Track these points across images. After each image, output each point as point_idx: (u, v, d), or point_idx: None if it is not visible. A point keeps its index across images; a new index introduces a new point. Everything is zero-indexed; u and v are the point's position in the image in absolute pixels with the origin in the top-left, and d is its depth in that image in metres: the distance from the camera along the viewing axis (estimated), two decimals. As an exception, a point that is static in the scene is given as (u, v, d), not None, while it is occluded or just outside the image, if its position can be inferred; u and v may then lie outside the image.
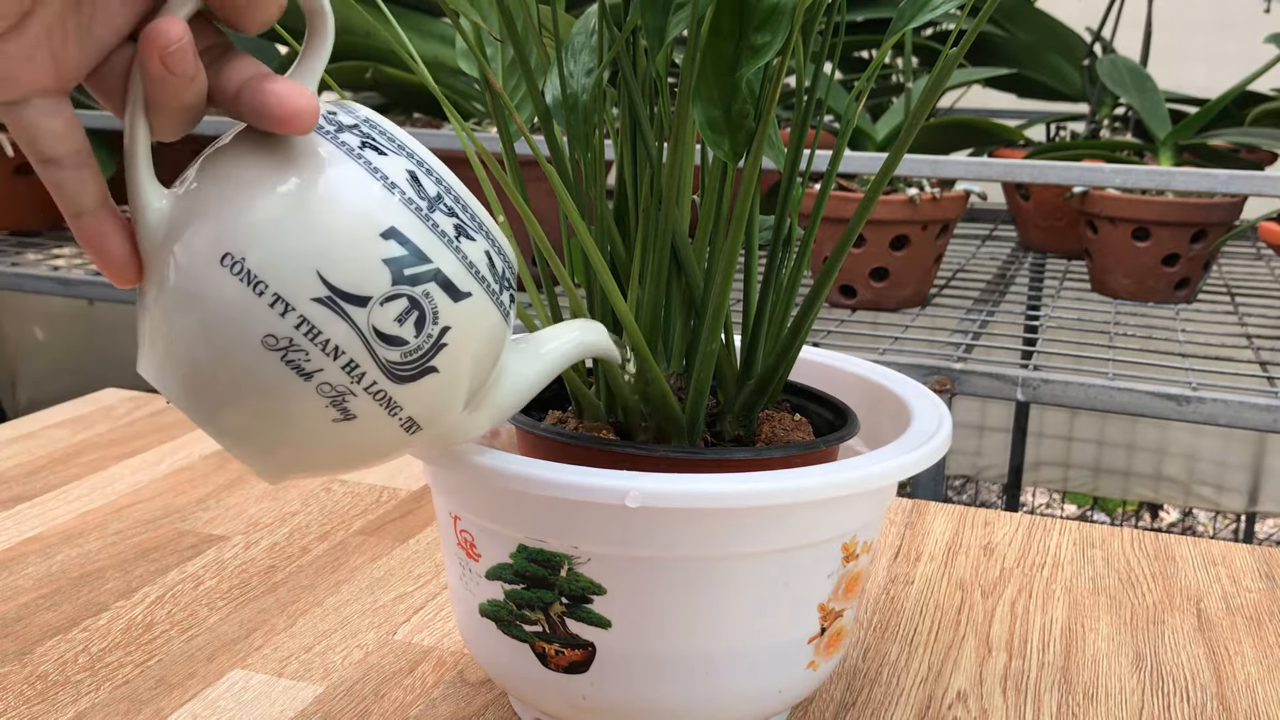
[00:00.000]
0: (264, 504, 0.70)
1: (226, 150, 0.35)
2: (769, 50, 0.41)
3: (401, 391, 0.35)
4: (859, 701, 0.51)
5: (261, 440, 0.35)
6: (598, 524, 0.40)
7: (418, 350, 0.35)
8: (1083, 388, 0.99)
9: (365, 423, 0.35)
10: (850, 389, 0.53)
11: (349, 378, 0.34)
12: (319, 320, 0.33)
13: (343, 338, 0.34)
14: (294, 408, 0.34)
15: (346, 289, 0.34)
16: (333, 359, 0.34)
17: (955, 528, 0.70)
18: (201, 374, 0.34)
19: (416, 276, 0.34)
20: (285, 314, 0.33)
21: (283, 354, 0.34)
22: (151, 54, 0.32)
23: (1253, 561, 0.66)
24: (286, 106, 0.34)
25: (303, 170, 0.34)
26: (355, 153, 0.35)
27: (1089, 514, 2.23)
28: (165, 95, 0.33)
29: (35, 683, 0.51)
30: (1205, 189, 1.04)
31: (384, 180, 0.35)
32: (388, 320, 0.34)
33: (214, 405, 0.35)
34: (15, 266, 1.38)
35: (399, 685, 0.51)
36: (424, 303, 0.35)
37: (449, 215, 0.36)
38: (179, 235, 0.34)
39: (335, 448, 0.36)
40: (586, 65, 0.47)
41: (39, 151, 0.34)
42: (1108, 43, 1.61)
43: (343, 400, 0.35)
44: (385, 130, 0.36)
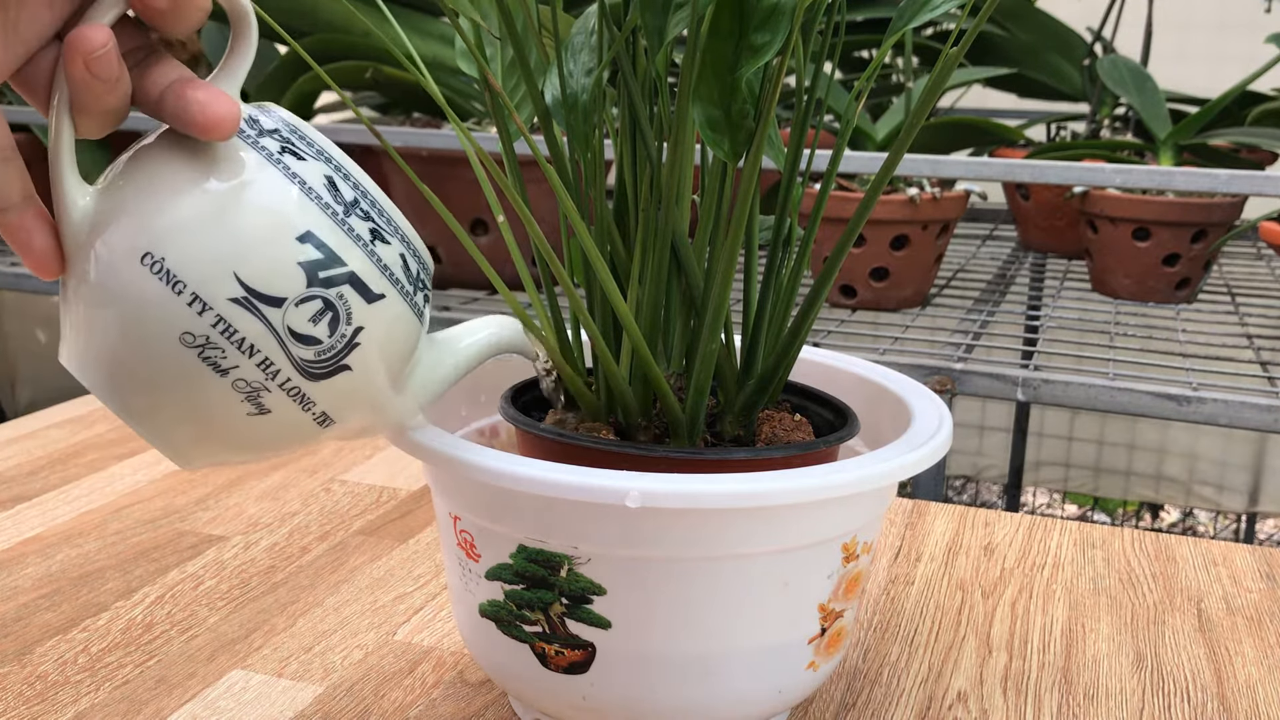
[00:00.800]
0: (264, 504, 0.70)
1: (149, 150, 0.36)
2: (769, 50, 0.41)
3: (315, 388, 0.37)
4: (859, 702, 0.51)
5: (178, 432, 0.37)
6: (598, 524, 0.40)
7: (331, 349, 0.36)
8: (1083, 388, 0.99)
9: (279, 416, 0.37)
10: (850, 389, 0.53)
11: (264, 375, 0.36)
12: (235, 319, 0.35)
13: (258, 337, 0.35)
14: (210, 402, 0.36)
15: (262, 290, 0.35)
16: (248, 356, 0.35)
17: (955, 528, 0.70)
18: (121, 368, 0.36)
19: (331, 279, 0.36)
20: (203, 313, 0.35)
21: (200, 351, 0.35)
22: (75, 59, 0.33)
23: (1253, 562, 0.66)
24: (208, 114, 0.35)
25: (222, 173, 0.36)
26: (274, 157, 0.36)
27: (1089, 514, 2.23)
28: (89, 98, 0.34)
29: (35, 683, 0.51)
30: (1206, 189, 1.04)
31: (301, 185, 0.36)
32: (302, 320, 0.36)
33: (132, 397, 0.36)
34: (15, 266, 1.38)
35: (399, 685, 0.51)
36: (338, 304, 0.36)
37: (364, 219, 0.37)
38: (101, 232, 0.35)
39: (249, 438, 0.37)
40: (586, 65, 0.47)
41: None
42: (1108, 42, 1.61)
43: (257, 395, 0.36)
44: (305, 135, 0.37)
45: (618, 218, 0.48)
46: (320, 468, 0.77)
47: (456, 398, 0.53)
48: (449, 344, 0.43)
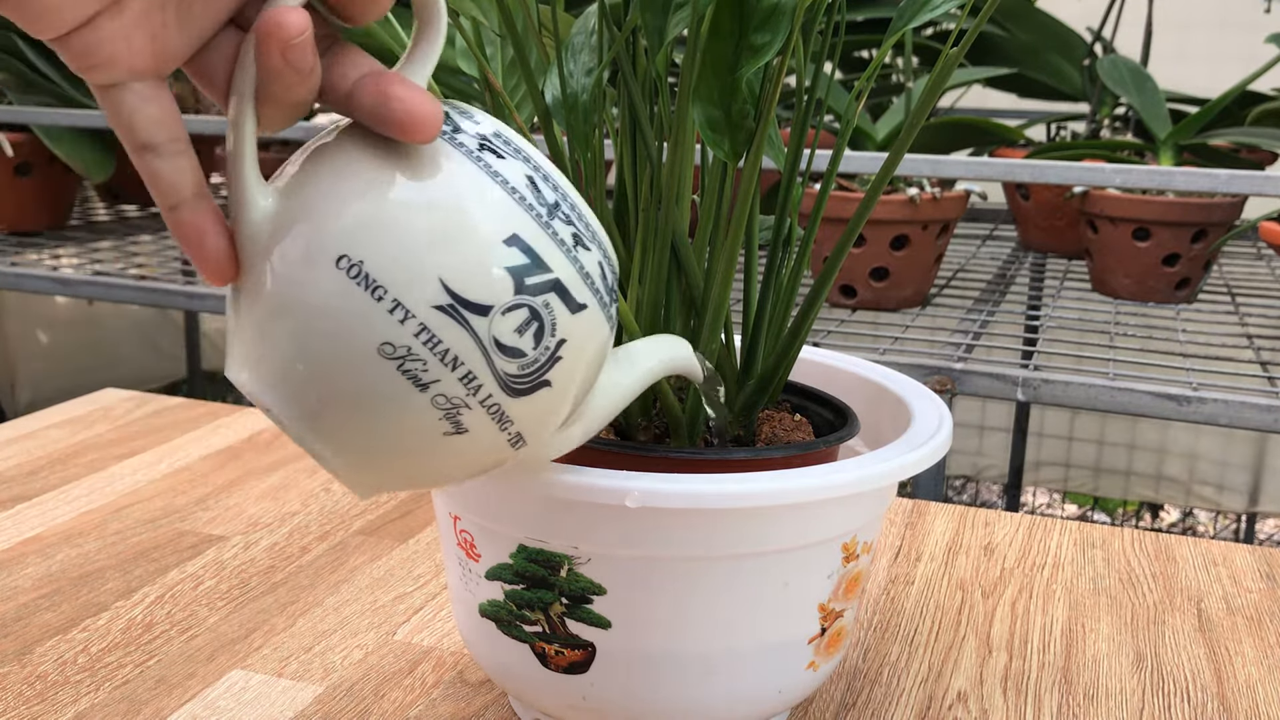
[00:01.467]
0: (263, 504, 0.70)
1: (334, 148, 0.34)
2: (769, 50, 0.41)
3: (515, 405, 0.34)
4: (859, 702, 0.51)
5: (365, 452, 0.34)
6: (598, 524, 0.40)
7: (535, 363, 0.34)
8: (1083, 388, 0.99)
9: (475, 436, 0.34)
10: (850, 389, 0.53)
11: (465, 390, 0.33)
12: (440, 329, 0.32)
13: (463, 348, 0.32)
14: (407, 420, 0.33)
15: (469, 297, 0.32)
16: (451, 370, 0.32)
17: (955, 528, 0.70)
18: (308, 381, 0.33)
19: (537, 286, 0.33)
20: (405, 321, 0.32)
21: (400, 363, 0.32)
22: (272, 46, 0.31)
23: (1253, 562, 0.66)
24: (414, 114, 0.32)
25: (422, 172, 0.33)
26: (474, 155, 0.34)
27: (1089, 514, 2.23)
28: (280, 89, 0.32)
29: (35, 683, 0.51)
30: (1206, 189, 1.04)
31: (505, 185, 0.33)
32: (508, 331, 0.33)
33: (318, 414, 0.33)
34: (15, 266, 1.38)
35: (399, 685, 0.51)
36: (544, 314, 0.33)
37: (566, 223, 0.34)
38: (288, 235, 0.33)
39: (440, 461, 0.34)
40: (586, 65, 0.47)
41: (136, 138, 0.32)
42: (1108, 42, 1.61)
43: (457, 413, 0.33)
44: (501, 133, 0.35)
45: (618, 218, 0.48)
46: (320, 467, 0.77)
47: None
48: (628, 361, 0.40)
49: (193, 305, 1.32)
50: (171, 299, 1.32)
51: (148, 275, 1.39)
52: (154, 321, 2.48)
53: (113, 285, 1.33)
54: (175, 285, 1.32)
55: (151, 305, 1.34)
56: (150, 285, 1.33)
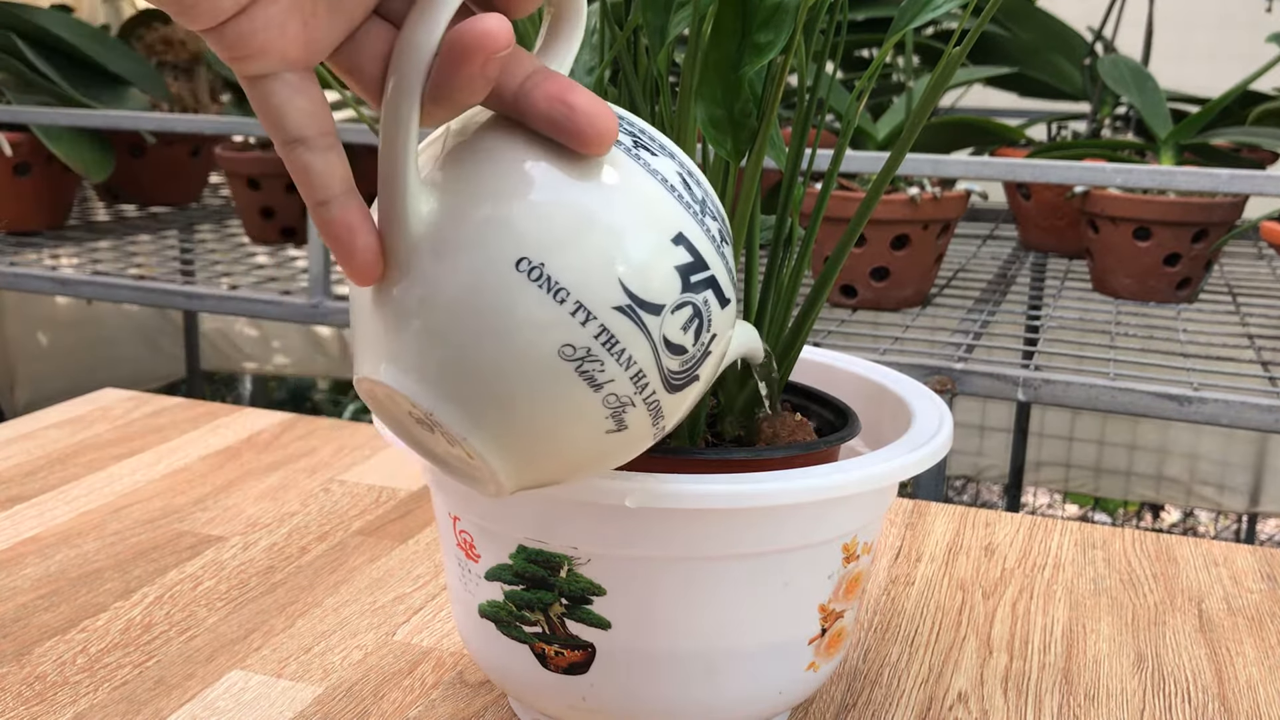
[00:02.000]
0: (262, 504, 0.70)
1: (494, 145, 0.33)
2: (771, 49, 0.41)
3: (669, 400, 0.34)
4: (859, 703, 0.51)
5: (527, 449, 0.34)
6: (597, 524, 0.40)
7: (693, 359, 0.34)
8: (1084, 388, 0.99)
9: (632, 433, 0.34)
10: (851, 389, 0.53)
11: (634, 388, 0.33)
12: (618, 330, 0.32)
13: (637, 347, 0.32)
14: (577, 420, 0.33)
15: (645, 296, 0.32)
16: (625, 369, 0.33)
17: (956, 528, 0.70)
18: (479, 382, 0.32)
19: (699, 283, 0.33)
20: (586, 322, 0.32)
21: (579, 364, 0.32)
22: (475, 57, 0.30)
23: (1254, 562, 0.66)
24: (597, 127, 0.32)
25: (592, 172, 0.33)
26: (632, 153, 0.34)
27: (1090, 514, 2.23)
28: (464, 95, 0.31)
29: (34, 683, 0.50)
30: (1207, 188, 1.04)
31: (664, 183, 0.33)
32: (676, 328, 0.33)
33: (485, 414, 0.33)
34: (14, 266, 1.38)
35: (398, 686, 0.51)
36: (704, 310, 0.34)
37: (715, 219, 0.34)
38: (460, 237, 0.32)
39: (593, 458, 0.35)
40: (587, 64, 0.47)
41: (286, 130, 0.32)
42: (1109, 42, 1.61)
43: (623, 412, 0.33)
44: (644, 129, 0.35)
45: (618, 217, 0.48)
46: (319, 468, 0.76)
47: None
48: None
49: (192, 305, 1.32)
50: (171, 299, 1.32)
51: (147, 275, 1.39)
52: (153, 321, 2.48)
53: (112, 285, 1.33)
54: (174, 285, 1.32)
55: (151, 305, 1.34)
56: (149, 285, 1.32)
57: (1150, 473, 2.16)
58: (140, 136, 1.64)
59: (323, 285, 1.26)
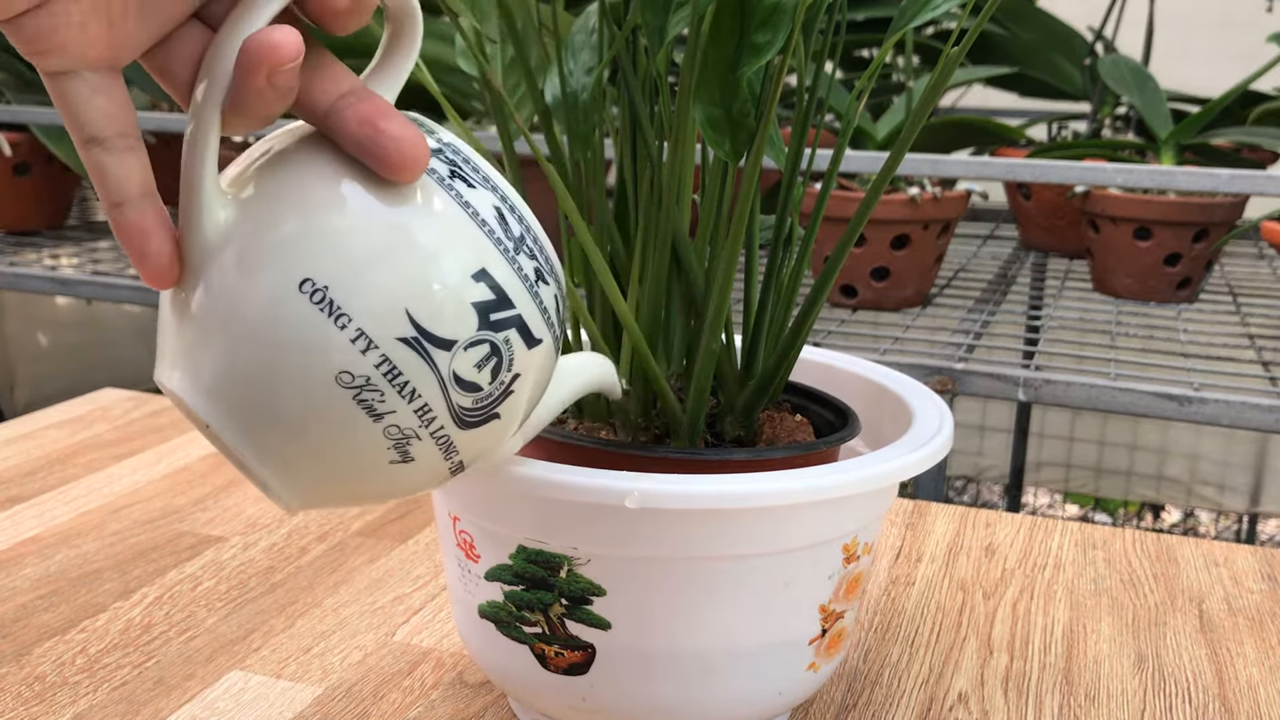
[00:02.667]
0: (262, 505, 0.70)
1: (300, 161, 0.33)
2: (770, 49, 0.41)
3: (463, 436, 0.34)
4: (860, 703, 0.51)
5: (307, 475, 0.33)
6: (598, 524, 0.40)
7: (488, 397, 0.33)
8: (1085, 388, 0.99)
9: (420, 465, 0.34)
10: (851, 389, 0.53)
11: (419, 422, 0.32)
12: (401, 361, 0.31)
13: (421, 381, 0.32)
14: (356, 449, 0.32)
15: (434, 331, 0.32)
16: (408, 402, 0.32)
17: (956, 528, 0.70)
18: (255, 399, 0.32)
19: (501, 322, 0.33)
20: (367, 351, 0.31)
21: (356, 392, 0.31)
22: (259, 69, 0.30)
23: (1255, 562, 0.66)
24: (405, 155, 0.31)
25: (395, 200, 0.32)
26: (446, 183, 0.33)
27: (1090, 515, 2.23)
28: (257, 106, 0.31)
29: (33, 684, 0.50)
30: (1207, 188, 1.04)
31: (475, 216, 0.33)
32: (468, 366, 0.32)
33: (260, 432, 0.32)
34: (14, 266, 1.38)
35: (398, 687, 0.51)
36: (503, 349, 0.33)
37: (531, 258, 0.34)
38: (248, 251, 0.32)
39: (379, 487, 0.34)
40: (586, 64, 0.47)
41: (82, 130, 0.31)
42: (1109, 42, 1.61)
43: (406, 444, 0.33)
44: (470, 159, 0.34)
45: (618, 218, 0.48)
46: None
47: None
48: (562, 375, 0.40)
49: (192, 305, 1.31)
50: (171, 299, 1.31)
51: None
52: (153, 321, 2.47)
53: (112, 285, 1.33)
54: (175, 285, 1.32)
55: (151, 305, 1.34)
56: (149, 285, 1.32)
57: (1151, 473, 2.15)
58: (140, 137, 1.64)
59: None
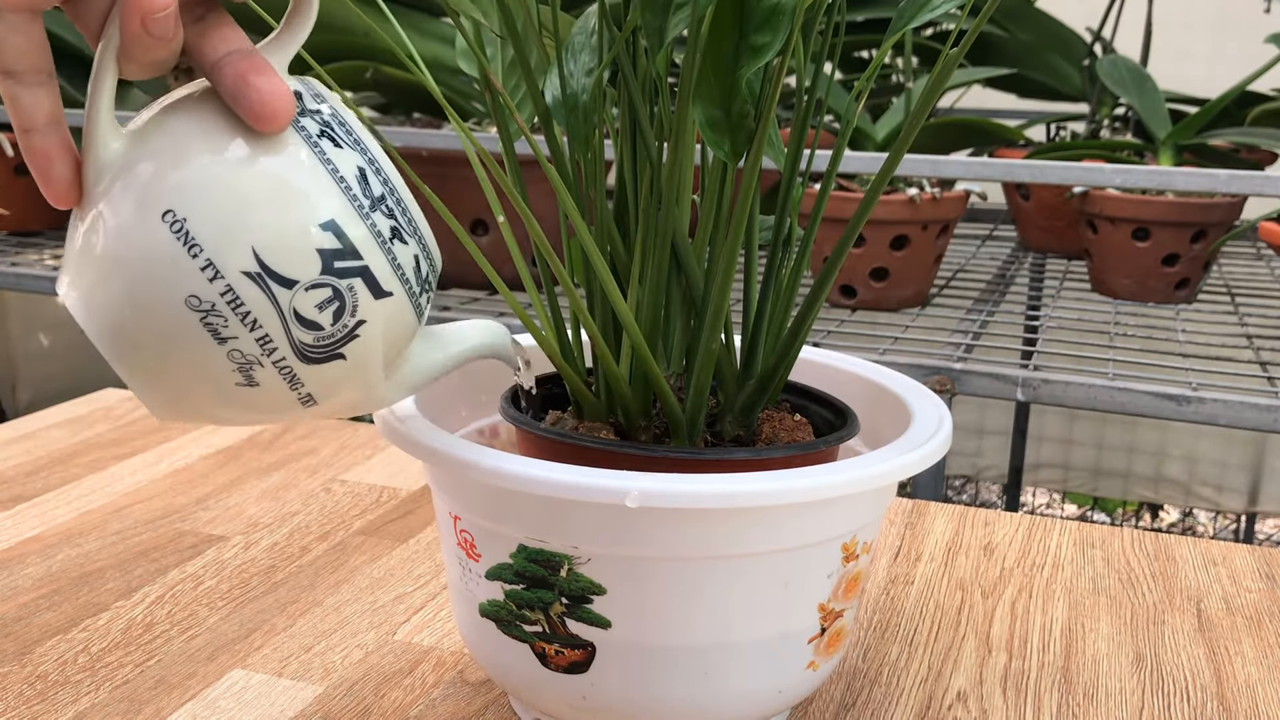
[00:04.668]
0: (264, 504, 0.70)
1: (188, 106, 0.36)
2: (769, 50, 0.41)
3: (307, 371, 0.37)
4: (859, 702, 0.51)
5: (164, 388, 0.37)
6: (598, 524, 0.40)
7: (330, 337, 0.37)
8: (1083, 388, 0.99)
9: (266, 390, 0.37)
10: (850, 389, 0.53)
11: (260, 350, 0.36)
12: (244, 293, 0.35)
13: (263, 313, 0.35)
14: (202, 367, 0.36)
15: (277, 270, 0.35)
16: (249, 330, 0.35)
17: (955, 528, 0.70)
18: (121, 317, 0.36)
19: (345, 270, 0.36)
20: (214, 280, 0.35)
21: (203, 316, 0.35)
22: (133, 15, 0.33)
23: (1253, 562, 0.66)
24: (267, 106, 0.35)
25: (259, 146, 0.36)
26: (312, 140, 0.36)
27: (1089, 514, 2.23)
28: (138, 50, 0.34)
29: (35, 683, 0.51)
30: (1205, 189, 1.04)
31: (333, 172, 0.36)
32: (309, 306, 0.36)
33: (127, 348, 0.36)
34: (15, 266, 1.38)
35: (399, 685, 0.51)
36: (346, 295, 0.36)
37: (388, 217, 0.37)
38: (126, 179, 0.35)
39: (232, 407, 0.38)
40: (586, 65, 0.47)
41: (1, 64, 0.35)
42: (1108, 43, 1.61)
43: (250, 369, 0.36)
44: (345, 122, 0.37)
45: (618, 218, 0.48)
46: (320, 467, 0.77)
47: (456, 398, 0.53)
48: (441, 339, 0.43)
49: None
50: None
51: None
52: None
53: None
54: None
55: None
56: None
57: (1149, 473, 2.16)
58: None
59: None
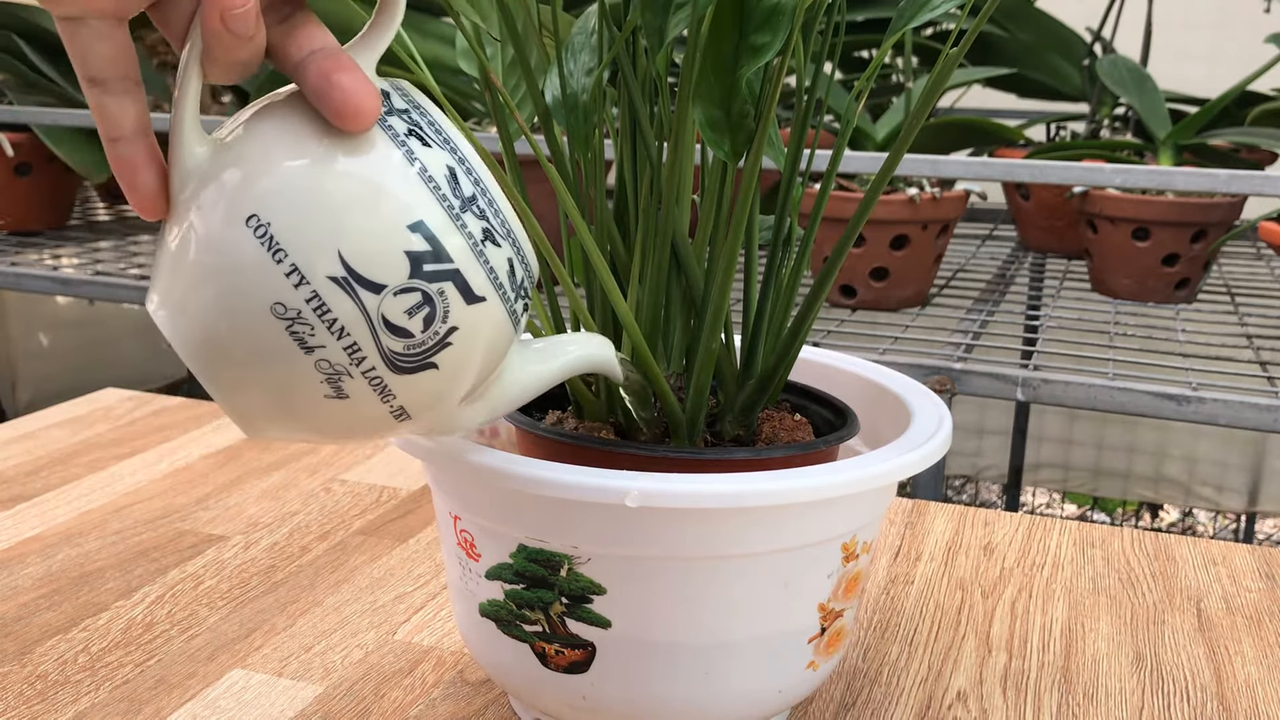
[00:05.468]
0: (264, 504, 0.70)
1: (274, 110, 0.35)
2: (769, 50, 0.41)
3: (398, 381, 0.35)
4: (859, 701, 0.51)
5: (250, 400, 0.36)
6: (598, 524, 0.40)
7: (421, 345, 0.35)
8: (1083, 388, 0.99)
9: (356, 403, 0.36)
10: (850, 389, 0.53)
11: (349, 359, 0.35)
12: (331, 298, 0.34)
13: (350, 319, 0.34)
14: (290, 378, 0.35)
15: (364, 273, 0.34)
16: (337, 338, 0.34)
17: (955, 528, 0.70)
18: (206, 328, 0.35)
19: (435, 274, 0.35)
20: (299, 285, 0.34)
21: (289, 324, 0.34)
22: (213, 11, 0.33)
23: (1253, 561, 0.66)
24: (350, 104, 0.34)
25: (344, 147, 0.34)
26: (400, 139, 0.35)
27: (1089, 514, 2.23)
28: (220, 50, 0.34)
29: (35, 682, 0.51)
30: (1205, 189, 1.04)
31: (422, 172, 0.35)
32: (398, 311, 0.34)
33: (214, 361, 0.35)
34: (15, 266, 1.38)
35: (399, 685, 0.51)
36: (437, 300, 0.35)
37: (479, 218, 0.36)
38: (211, 185, 0.34)
39: (322, 421, 0.36)
40: (586, 65, 0.47)
41: (87, 71, 0.34)
42: (1108, 42, 1.61)
43: (338, 379, 0.35)
44: (434, 120, 0.36)
45: (618, 218, 0.48)
46: (320, 467, 0.77)
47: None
48: (539, 353, 0.41)
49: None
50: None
51: (148, 275, 1.39)
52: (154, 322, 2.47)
53: (113, 285, 1.33)
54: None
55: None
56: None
57: (1149, 473, 2.16)
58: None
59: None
